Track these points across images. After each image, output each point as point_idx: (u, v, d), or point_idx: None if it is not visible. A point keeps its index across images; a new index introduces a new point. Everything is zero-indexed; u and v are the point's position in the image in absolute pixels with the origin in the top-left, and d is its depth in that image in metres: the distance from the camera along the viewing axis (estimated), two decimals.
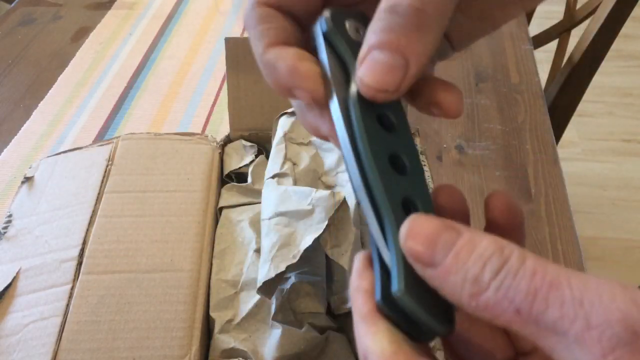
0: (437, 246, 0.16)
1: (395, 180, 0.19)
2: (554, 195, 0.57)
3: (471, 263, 0.16)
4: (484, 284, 0.15)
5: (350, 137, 0.19)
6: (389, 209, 0.18)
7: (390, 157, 0.19)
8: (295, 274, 0.39)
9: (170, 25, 0.83)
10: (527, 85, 0.70)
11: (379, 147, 0.19)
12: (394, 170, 0.19)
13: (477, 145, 0.62)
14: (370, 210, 0.18)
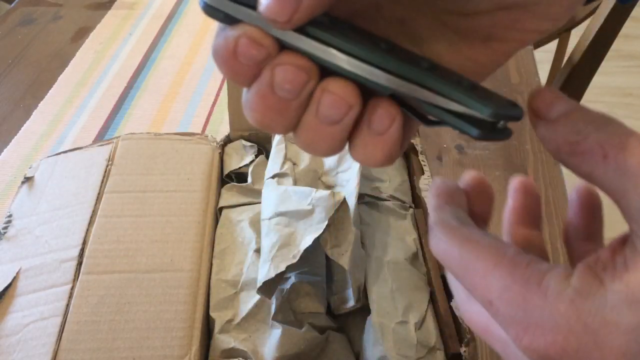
0: (554, 107, 0.20)
1: (406, 56, 0.19)
2: (554, 195, 0.57)
3: (579, 121, 0.19)
4: (584, 135, 0.19)
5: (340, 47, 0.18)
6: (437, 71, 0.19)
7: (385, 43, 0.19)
8: (295, 274, 0.39)
9: (170, 25, 0.83)
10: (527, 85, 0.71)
11: (370, 40, 0.19)
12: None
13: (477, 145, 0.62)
14: (409, 83, 0.19)
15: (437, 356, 0.36)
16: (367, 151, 0.20)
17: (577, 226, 0.25)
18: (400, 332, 0.36)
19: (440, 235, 0.21)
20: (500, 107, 0.19)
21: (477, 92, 0.19)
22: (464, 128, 0.19)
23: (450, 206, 0.23)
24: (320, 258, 0.41)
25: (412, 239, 0.42)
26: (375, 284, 0.38)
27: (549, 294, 0.18)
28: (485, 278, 0.19)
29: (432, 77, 0.19)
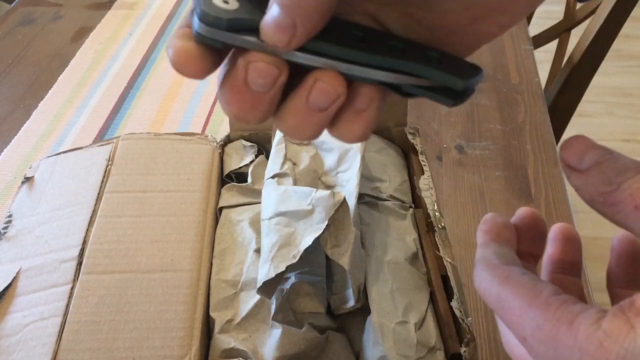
0: (584, 159, 0.21)
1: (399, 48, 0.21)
2: (554, 195, 0.57)
3: (609, 171, 0.20)
4: (615, 185, 0.20)
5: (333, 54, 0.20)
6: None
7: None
8: (295, 274, 0.39)
9: (170, 25, 0.83)
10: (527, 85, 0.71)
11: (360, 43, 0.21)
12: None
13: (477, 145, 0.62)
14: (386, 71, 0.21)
15: (437, 356, 0.36)
16: (348, 128, 0.21)
17: (618, 273, 0.25)
18: (400, 332, 0.36)
19: (481, 273, 0.22)
20: (467, 76, 0.21)
21: (446, 66, 0.21)
22: (440, 100, 0.21)
23: (496, 243, 0.24)
24: (320, 258, 0.41)
25: (412, 239, 0.42)
26: (375, 284, 0.38)
27: (579, 334, 0.18)
28: (520, 316, 0.20)
29: (407, 62, 0.21)
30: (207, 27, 0.19)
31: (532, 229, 0.26)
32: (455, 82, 0.21)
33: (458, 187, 0.58)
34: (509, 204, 0.56)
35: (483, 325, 0.47)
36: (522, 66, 0.73)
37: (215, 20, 0.19)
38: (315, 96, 0.20)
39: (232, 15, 0.19)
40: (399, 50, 0.21)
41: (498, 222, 0.25)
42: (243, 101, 0.20)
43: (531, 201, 0.56)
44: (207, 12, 0.19)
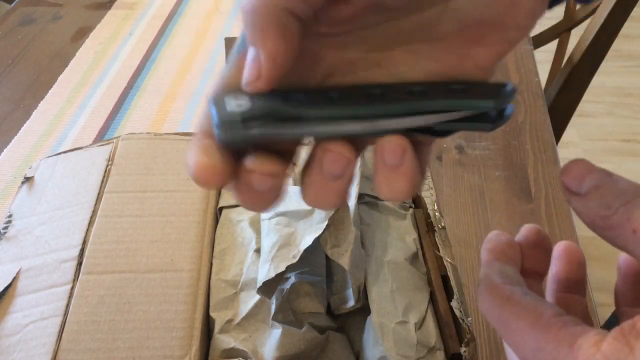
0: (584, 182, 0.21)
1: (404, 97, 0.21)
2: (554, 195, 0.57)
3: (608, 195, 0.20)
4: (613, 209, 0.20)
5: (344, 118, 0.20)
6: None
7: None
8: (295, 274, 0.39)
9: (170, 25, 0.83)
10: (527, 85, 0.71)
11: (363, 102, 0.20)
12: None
13: (477, 145, 0.62)
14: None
15: (437, 356, 0.36)
16: (390, 188, 0.20)
17: (624, 292, 0.25)
18: (400, 332, 0.36)
19: (484, 293, 0.23)
20: (497, 95, 0.20)
21: (473, 93, 0.20)
22: (478, 127, 0.21)
23: (500, 262, 0.24)
24: (320, 258, 0.41)
25: (412, 239, 0.42)
26: (375, 284, 0.38)
27: (579, 357, 0.18)
28: (521, 337, 0.20)
29: (431, 101, 0.20)
30: (225, 131, 0.19)
31: (536, 246, 0.26)
32: (487, 104, 0.20)
33: (458, 187, 0.58)
34: (509, 204, 0.56)
35: (483, 325, 0.47)
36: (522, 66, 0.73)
37: (232, 122, 0.19)
38: (328, 165, 0.20)
39: (245, 111, 0.19)
40: (420, 93, 0.20)
41: (502, 241, 0.25)
42: (253, 198, 0.20)
43: (531, 201, 0.56)
44: (222, 118, 0.19)
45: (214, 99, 0.20)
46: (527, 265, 0.26)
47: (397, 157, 0.20)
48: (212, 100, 0.20)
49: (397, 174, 0.20)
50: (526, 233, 0.26)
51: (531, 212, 0.55)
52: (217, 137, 0.20)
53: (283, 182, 0.20)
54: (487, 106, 0.20)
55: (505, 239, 0.25)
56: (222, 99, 0.20)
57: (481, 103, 0.20)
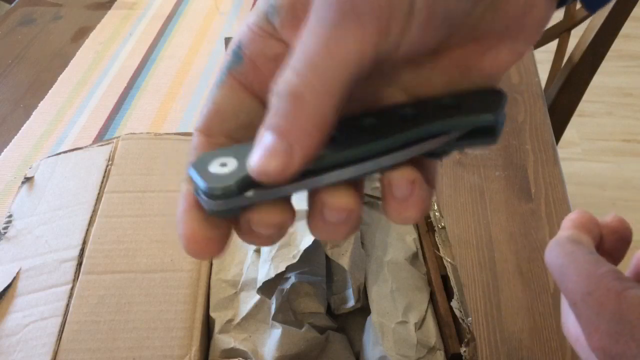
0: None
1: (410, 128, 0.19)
2: (554, 195, 0.57)
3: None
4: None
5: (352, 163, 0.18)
6: None
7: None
8: (295, 274, 0.39)
9: (170, 25, 0.83)
10: (527, 85, 0.71)
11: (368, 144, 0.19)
12: None
13: None
14: None
15: (437, 356, 0.36)
16: (403, 216, 0.20)
17: None
18: (400, 332, 0.36)
19: (552, 246, 0.25)
20: (493, 107, 0.19)
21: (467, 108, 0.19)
22: (480, 143, 0.20)
23: (577, 230, 0.26)
24: (320, 258, 0.41)
25: (412, 239, 0.42)
26: (375, 284, 0.38)
27: (624, 304, 0.20)
28: (575, 283, 0.22)
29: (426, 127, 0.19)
30: (217, 201, 0.18)
31: (615, 232, 0.27)
32: (485, 118, 0.19)
33: (458, 187, 0.58)
34: (509, 204, 0.56)
35: (483, 325, 0.47)
36: (522, 66, 0.73)
37: (223, 191, 0.17)
38: (330, 216, 0.19)
39: (237, 176, 0.18)
40: (414, 117, 0.19)
41: (585, 215, 0.27)
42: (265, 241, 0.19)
43: (531, 201, 0.56)
44: (212, 186, 0.17)
45: (195, 163, 0.18)
46: (604, 246, 0.27)
47: (407, 190, 0.19)
48: (193, 165, 0.18)
49: (408, 204, 0.19)
50: (609, 218, 0.28)
51: (531, 212, 0.55)
52: (205, 208, 0.18)
53: (290, 225, 0.19)
54: (486, 120, 0.19)
55: (588, 215, 0.27)
56: (204, 161, 0.18)
57: (479, 118, 0.19)
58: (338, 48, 0.16)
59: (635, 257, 0.27)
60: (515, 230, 0.54)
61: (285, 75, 0.17)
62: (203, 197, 0.18)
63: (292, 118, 0.17)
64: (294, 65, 0.17)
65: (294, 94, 0.16)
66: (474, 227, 0.54)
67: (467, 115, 0.19)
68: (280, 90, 0.17)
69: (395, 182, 0.19)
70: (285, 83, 0.17)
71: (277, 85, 0.17)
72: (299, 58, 0.17)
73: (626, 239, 0.28)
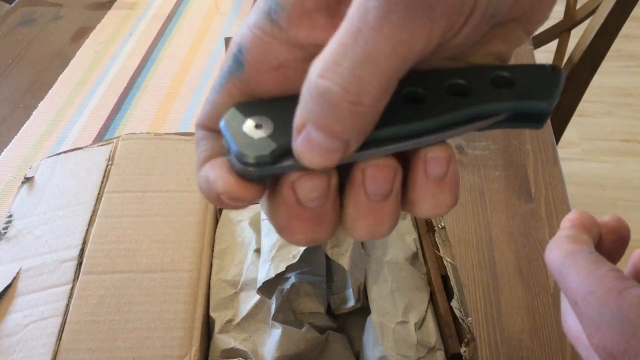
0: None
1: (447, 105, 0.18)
2: (554, 195, 0.57)
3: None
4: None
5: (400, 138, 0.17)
6: None
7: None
8: (295, 274, 0.39)
9: (170, 25, 0.83)
10: None
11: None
12: None
13: (477, 145, 0.62)
14: None
15: (437, 356, 0.36)
16: (438, 201, 0.18)
17: None
18: (400, 332, 0.36)
19: (552, 245, 0.25)
20: (548, 92, 0.18)
21: (522, 89, 0.18)
22: (525, 126, 0.19)
23: (577, 229, 0.26)
24: (320, 258, 0.41)
25: (412, 239, 0.42)
26: (375, 284, 0.38)
27: (625, 302, 0.20)
28: (576, 282, 0.23)
29: (478, 105, 0.18)
30: (249, 168, 0.17)
31: (614, 232, 0.28)
32: (538, 105, 0.18)
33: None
34: (509, 204, 0.56)
35: (483, 325, 0.47)
36: None
37: (258, 159, 0.16)
38: (373, 186, 0.17)
39: (273, 145, 0.16)
40: (463, 92, 0.18)
41: (584, 215, 0.27)
42: (306, 222, 0.18)
43: (531, 201, 0.56)
44: (245, 153, 0.16)
45: (228, 118, 0.17)
46: (603, 246, 0.27)
47: (444, 168, 0.18)
48: (226, 120, 0.17)
49: (443, 185, 0.18)
50: (608, 218, 0.28)
51: (531, 212, 0.55)
52: (235, 169, 0.17)
53: (334, 191, 0.17)
54: (538, 107, 0.18)
55: (587, 215, 0.27)
56: (238, 117, 0.17)
57: (532, 104, 0.18)
58: (403, 45, 0.15)
59: (633, 256, 0.27)
60: (515, 230, 0.54)
61: (334, 72, 0.15)
62: (234, 159, 0.17)
63: (347, 122, 0.15)
64: (347, 63, 0.15)
65: (351, 99, 0.15)
66: (474, 227, 0.54)
67: (521, 99, 0.18)
68: (328, 89, 0.15)
69: (431, 159, 0.17)
70: (335, 83, 0.15)
71: (321, 82, 0.15)
72: (354, 53, 0.15)
73: (625, 239, 0.28)
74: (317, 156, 0.16)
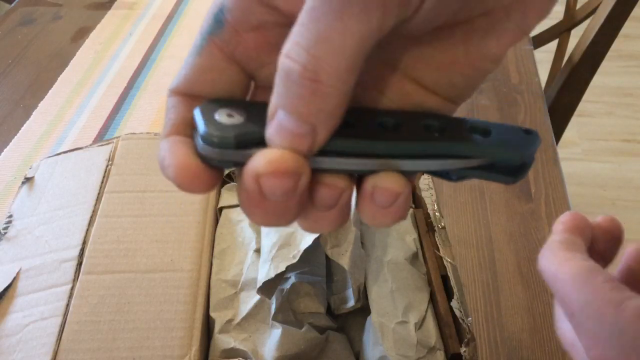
0: None
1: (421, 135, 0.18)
2: (554, 195, 0.57)
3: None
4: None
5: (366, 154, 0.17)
6: None
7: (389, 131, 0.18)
8: (295, 274, 0.39)
9: (170, 25, 0.83)
10: (527, 85, 0.70)
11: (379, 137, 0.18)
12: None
13: None
14: None
15: (437, 356, 0.36)
16: (376, 222, 0.19)
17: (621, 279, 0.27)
18: (400, 332, 0.36)
19: (545, 252, 0.24)
20: (523, 147, 0.18)
21: (497, 139, 0.18)
22: (497, 179, 0.19)
23: (569, 233, 0.25)
24: (320, 258, 0.41)
25: (412, 239, 0.42)
26: (375, 284, 0.38)
27: (624, 315, 0.20)
28: (573, 293, 0.22)
29: (448, 143, 0.18)
30: (212, 148, 0.17)
31: (607, 232, 0.27)
32: (512, 156, 0.18)
33: (458, 187, 0.58)
34: (509, 204, 0.56)
35: (483, 325, 0.47)
36: (522, 66, 0.73)
37: (222, 140, 0.17)
38: (319, 200, 0.18)
39: (240, 130, 0.17)
40: (439, 131, 0.18)
41: (576, 217, 0.26)
42: (266, 213, 0.18)
43: (531, 201, 0.56)
44: (212, 132, 0.17)
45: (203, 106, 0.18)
46: (596, 248, 0.26)
47: (390, 200, 0.18)
48: (200, 108, 0.18)
49: (386, 212, 0.18)
50: (600, 219, 0.27)
51: (531, 212, 0.55)
52: (198, 151, 0.17)
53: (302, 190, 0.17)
54: (512, 158, 0.18)
55: (580, 216, 0.26)
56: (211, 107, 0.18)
57: (506, 154, 0.18)
58: (356, 21, 0.15)
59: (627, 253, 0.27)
60: (515, 230, 0.54)
61: (295, 51, 0.15)
62: (199, 140, 0.17)
63: (310, 101, 0.16)
64: (304, 42, 0.15)
65: (309, 76, 0.15)
66: (474, 227, 0.54)
67: (496, 146, 0.18)
68: (291, 69, 0.15)
69: (379, 189, 0.18)
70: (296, 62, 0.15)
71: (286, 62, 0.15)
72: (310, 33, 0.15)
73: (618, 239, 0.27)
74: (285, 141, 0.16)
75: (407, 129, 0.18)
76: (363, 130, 0.18)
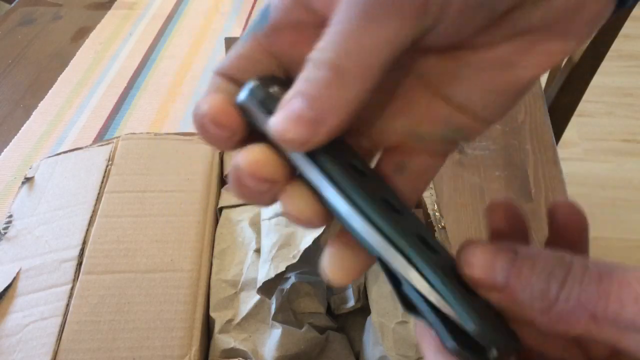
0: (496, 270, 0.17)
1: (403, 222, 0.18)
2: (554, 195, 0.57)
3: (535, 279, 0.16)
4: (553, 297, 0.16)
5: (342, 191, 0.18)
6: (422, 252, 0.17)
7: (383, 201, 0.18)
8: (295, 274, 0.39)
9: (170, 25, 0.83)
10: None
11: (372, 193, 0.18)
12: (393, 212, 0.18)
13: (477, 145, 0.62)
14: (399, 258, 0.17)
15: None
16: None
17: None
18: (400, 332, 0.36)
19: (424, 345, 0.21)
20: (493, 330, 0.16)
21: (471, 299, 0.16)
22: (441, 332, 0.17)
23: None
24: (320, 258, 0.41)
25: None
26: (375, 284, 0.38)
27: None
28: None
29: (418, 253, 0.17)
30: (252, 99, 0.18)
31: (569, 222, 0.23)
32: (468, 320, 0.16)
33: (458, 187, 0.58)
34: None
35: None
36: None
37: (255, 83, 0.18)
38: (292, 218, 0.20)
39: (274, 95, 0.18)
40: (433, 250, 0.17)
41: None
42: (244, 194, 0.18)
43: (531, 201, 0.56)
44: (258, 92, 0.18)
45: (253, 84, 0.18)
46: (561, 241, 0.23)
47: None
48: (258, 77, 0.19)
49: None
50: (557, 206, 0.23)
51: (531, 212, 0.55)
52: (237, 100, 0.18)
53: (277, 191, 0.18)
54: (470, 326, 0.16)
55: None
56: (261, 88, 0.18)
57: (468, 317, 0.16)
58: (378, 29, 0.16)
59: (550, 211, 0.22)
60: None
61: (325, 45, 0.17)
62: (242, 94, 0.18)
63: (326, 87, 0.16)
64: (335, 38, 0.16)
65: (333, 64, 0.16)
66: (474, 227, 0.54)
67: (461, 302, 0.16)
68: (318, 57, 0.17)
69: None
70: (324, 52, 0.16)
71: (315, 53, 0.17)
72: (339, 34, 0.16)
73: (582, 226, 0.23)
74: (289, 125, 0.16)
75: (402, 213, 0.18)
76: (364, 180, 0.18)
